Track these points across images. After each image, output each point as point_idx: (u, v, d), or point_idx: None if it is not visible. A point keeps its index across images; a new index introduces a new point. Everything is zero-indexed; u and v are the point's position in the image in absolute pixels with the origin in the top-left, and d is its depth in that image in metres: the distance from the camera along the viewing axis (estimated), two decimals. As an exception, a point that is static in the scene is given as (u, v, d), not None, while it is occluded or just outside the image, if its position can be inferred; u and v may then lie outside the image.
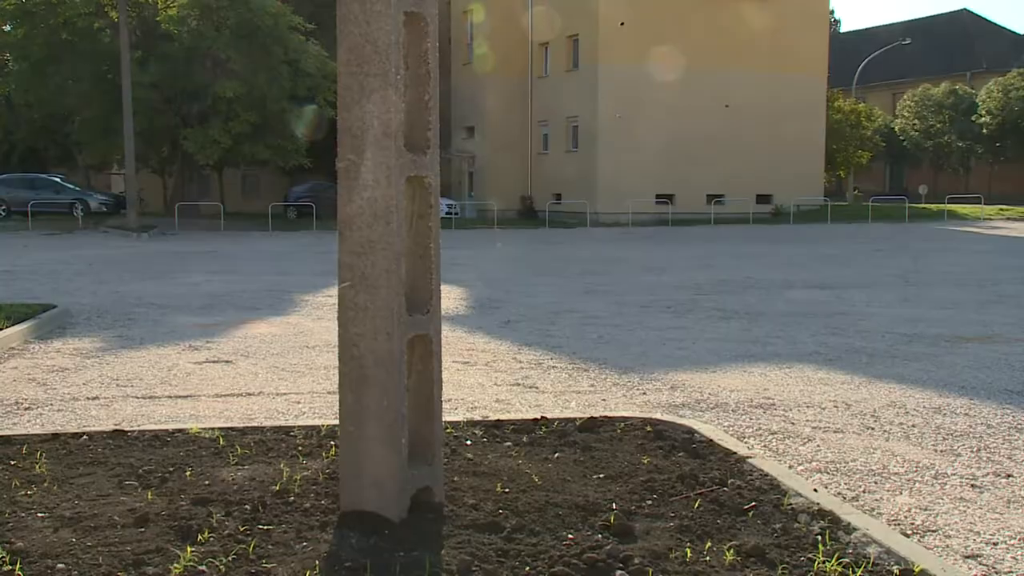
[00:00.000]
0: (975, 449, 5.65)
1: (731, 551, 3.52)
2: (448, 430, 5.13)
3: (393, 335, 3.70)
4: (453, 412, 6.27)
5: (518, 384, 7.61)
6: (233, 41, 34.42)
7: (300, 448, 4.90)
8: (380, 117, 3.67)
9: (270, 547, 3.49)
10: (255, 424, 5.70)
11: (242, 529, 3.64)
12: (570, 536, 3.62)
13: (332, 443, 4.83)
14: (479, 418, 5.76)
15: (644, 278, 16.80)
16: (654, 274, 17.59)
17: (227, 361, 8.59)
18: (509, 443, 5.03)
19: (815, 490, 4.39)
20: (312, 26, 35.76)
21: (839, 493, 4.76)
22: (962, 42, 70.91)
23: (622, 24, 38.28)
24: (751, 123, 40.07)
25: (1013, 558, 3.97)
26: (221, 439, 5.05)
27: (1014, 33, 72.68)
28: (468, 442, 5.04)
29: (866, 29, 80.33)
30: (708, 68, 39.12)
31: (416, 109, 3.86)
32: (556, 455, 4.79)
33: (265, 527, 3.67)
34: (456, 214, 39.61)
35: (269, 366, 8.36)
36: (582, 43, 39.95)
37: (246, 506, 3.88)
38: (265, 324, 11.07)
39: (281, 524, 3.72)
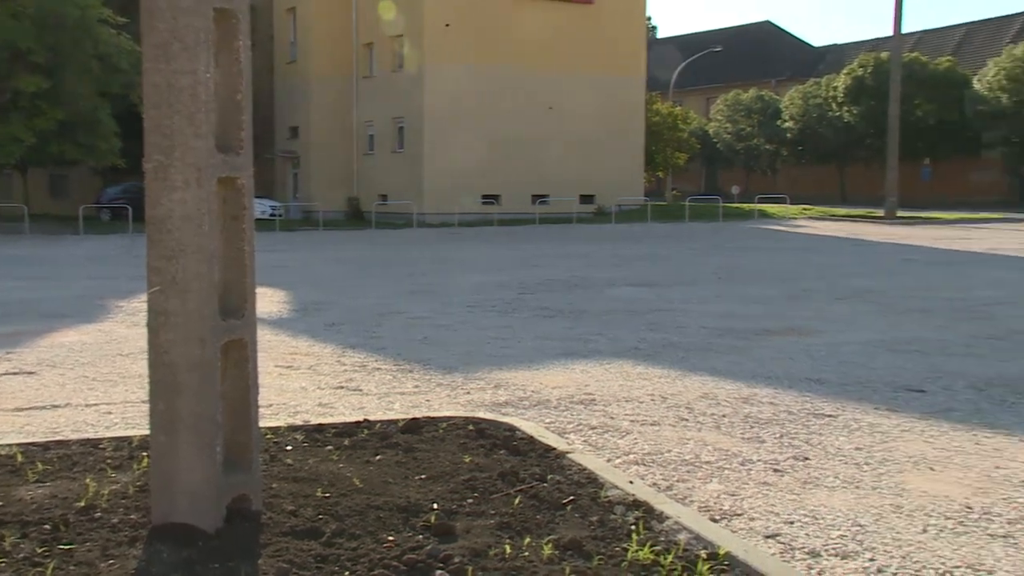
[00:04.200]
0: (778, 435, 5.98)
1: (549, 545, 3.59)
2: (267, 436, 5.02)
3: (206, 341, 3.60)
4: (274, 417, 6.14)
5: (342, 387, 7.53)
6: (35, 32, 32.48)
7: (109, 461, 4.68)
8: (189, 117, 3.56)
9: (72, 568, 3.31)
10: (60, 438, 5.41)
11: (40, 551, 3.44)
12: (391, 538, 3.61)
13: (144, 454, 4.63)
14: (300, 423, 5.65)
15: (470, 278, 16.93)
16: (480, 274, 17.75)
17: (30, 372, 8.12)
18: (331, 447, 4.96)
19: (631, 482, 4.54)
20: (124, 20, 34.21)
21: (654, 483, 4.94)
22: (767, 51, 75.01)
23: (447, 25, 38.44)
24: (574, 124, 41.03)
25: (806, 534, 4.24)
26: (19, 455, 4.76)
27: (811, 46, 77.37)
28: (288, 447, 4.94)
29: (681, 36, 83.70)
30: (532, 70, 39.80)
31: (228, 108, 3.76)
32: (378, 457, 4.77)
33: (67, 547, 3.49)
34: (280, 216, 38.79)
35: (78, 376, 7.95)
36: (407, 44, 39.89)
37: (46, 526, 3.67)
38: (75, 332, 10.52)
39: (86, 542, 3.54)
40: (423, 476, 4.46)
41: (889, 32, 39.21)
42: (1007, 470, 5.26)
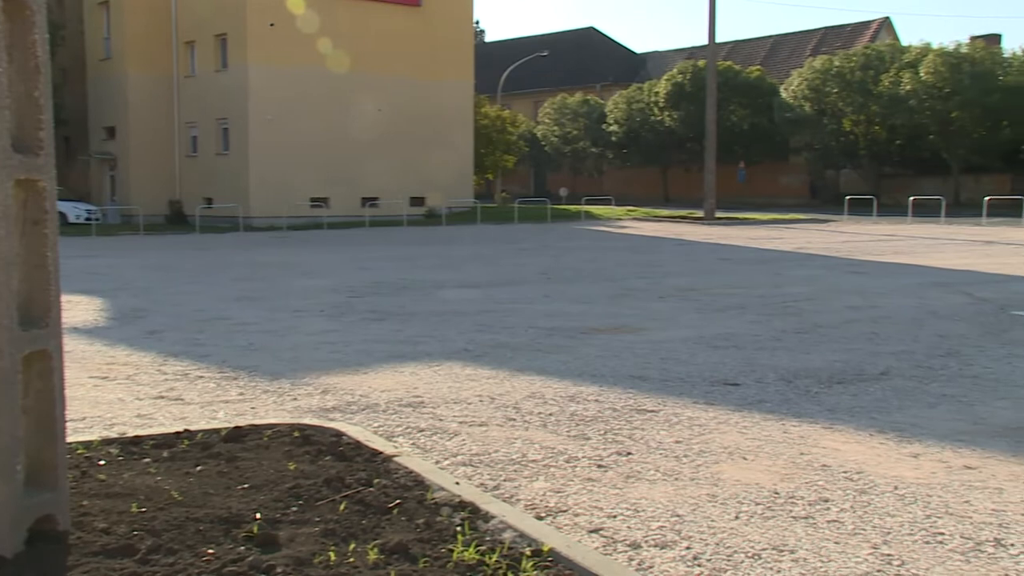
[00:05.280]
0: (603, 432, 6.14)
1: (375, 550, 3.57)
2: (79, 451, 4.79)
3: (5, 352, 3.39)
4: (87, 431, 5.86)
5: (162, 397, 7.25)
6: None
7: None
8: (-18, 115, 3.35)
9: None
10: None
11: None
12: (211, 551, 3.50)
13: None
14: (116, 435, 5.41)
15: (298, 282, 16.62)
16: (308, 278, 17.46)
17: None
18: (148, 459, 4.77)
19: (457, 483, 4.57)
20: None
21: (481, 484, 4.99)
22: (591, 57, 76.95)
23: (271, 25, 37.58)
24: (403, 127, 40.89)
25: (628, 527, 4.38)
26: None
27: (633, 52, 79.97)
28: (101, 462, 4.72)
29: (508, 40, 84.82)
30: (360, 71, 39.40)
31: (25, 107, 3.56)
32: (199, 468, 4.62)
33: None
34: (97, 220, 36.97)
35: None
36: (230, 42, 38.74)
37: None
38: None
39: None
40: (246, 486, 4.35)
41: (705, 41, 40.92)
42: (810, 456, 5.59)
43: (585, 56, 76.93)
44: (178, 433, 5.31)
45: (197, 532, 3.70)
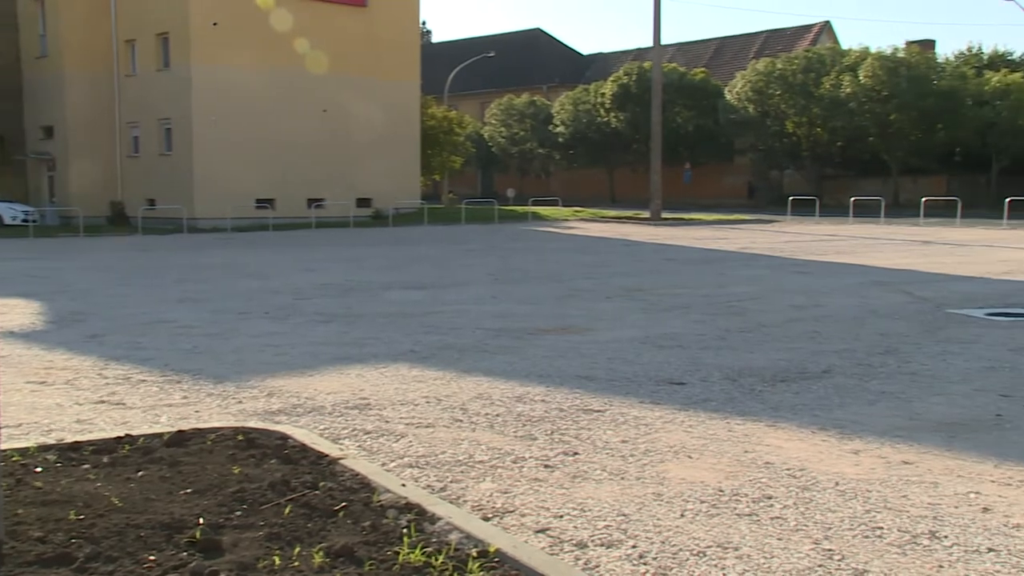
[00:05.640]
0: (549, 432, 6.16)
1: (320, 553, 3.55)
2: (14, 458, 4.69)
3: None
4: (24, 437, 5.73)
5: (103, 402, 7.12)
6: None
7: None
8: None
9: None
10: None
11: None
12: (152, 557, 3.45)
13: None
14: (54, 441, 5.31)
15: (243, 284, 16.43)
16: (254, 280, 17.27)
17: None
18: (88, 466, 4.69)
19: (404, 485, 4.55)
20: None
21: (428, 485, 4.98)
22: (537, 58, 77.20)
23: (215, 24, 37.10)
24: (350, 127, 40.64)
25: (575, 527, 4.40)
26: None
27: (579, 53, 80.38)
28: (38, 469, 4.62)
29: (455, 41, 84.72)
30: (306, 72, 39.08)
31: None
32: (140, 473, 4.55)
33: None
34: (35, 222, 36.22)
35: None
36: (172, 41, 38.18)
37: None
38: None
39: None
40: (189, 490, 4.30)
41: (650, 42, 41.22)
42: (754, 453, 5.66)
43: (531, 57, 77.16)
44: (119, 438, 5.22)
45: (138, 539, 3.64)
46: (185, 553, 3.52)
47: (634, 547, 4.16)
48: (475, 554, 3.62)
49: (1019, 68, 52.30)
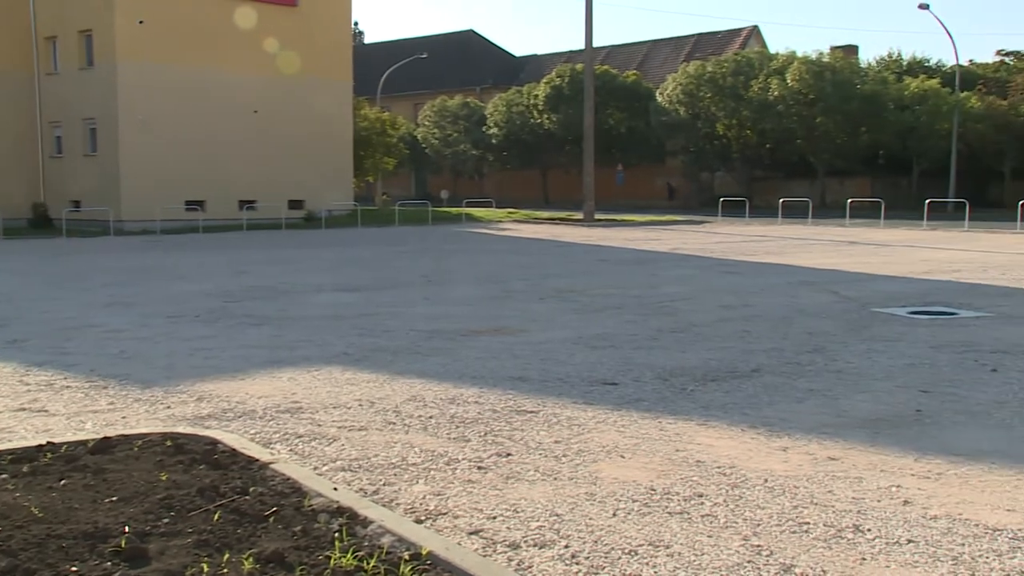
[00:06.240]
0: (483, 433, 6.16)
1: (250, 559, 3.50)
2: (-70, 469, 4.54)
3: None
4: (-59, 447, 5.55)
5: (24, 409, 6.94)
6: None
7: None
8: None
9: None
10: None
11: None
12: (74, 568, 3.37)
13: None
14: (-28, 451, 5.15)
15: (173, 287, 16.14)
16: (184, 283, 16.97)
17: None
18: (6, 475, 4.56)
19: (336, 489, 4.52)
20: None
21: (360, 489, 4.94)
22: (470, 59, 77.20)
23: (141, 22, 36.37)
24: (281, 128, 40.16)
25: (508, 528, 4.41)
26: None
27: (512, 55, 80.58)
28: (-44, 480, 4.49)
29: (387, 41, 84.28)
30: (236, 72, 38.54)
31: None
32: (63, 482, 4.44)
33: None
34: (-49, 224, 35.10)
35: None
36: (96, 39, 37.30)
37: None
38: None
39: None
40: (114, 498, 4.21)
41: (582, 45, 41.47)
42: (686, 452, 5.73)
43: (464, 59, 77.13)
44: (40, 446, 5.09)
45: (59, 549, 3.56)
46: (109, 563, 3.45)
47: (567, 547, 4.18)
48: (407, 557, 3.60)
49: (936, 74, 53.81)
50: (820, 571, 3.96)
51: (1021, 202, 35.22)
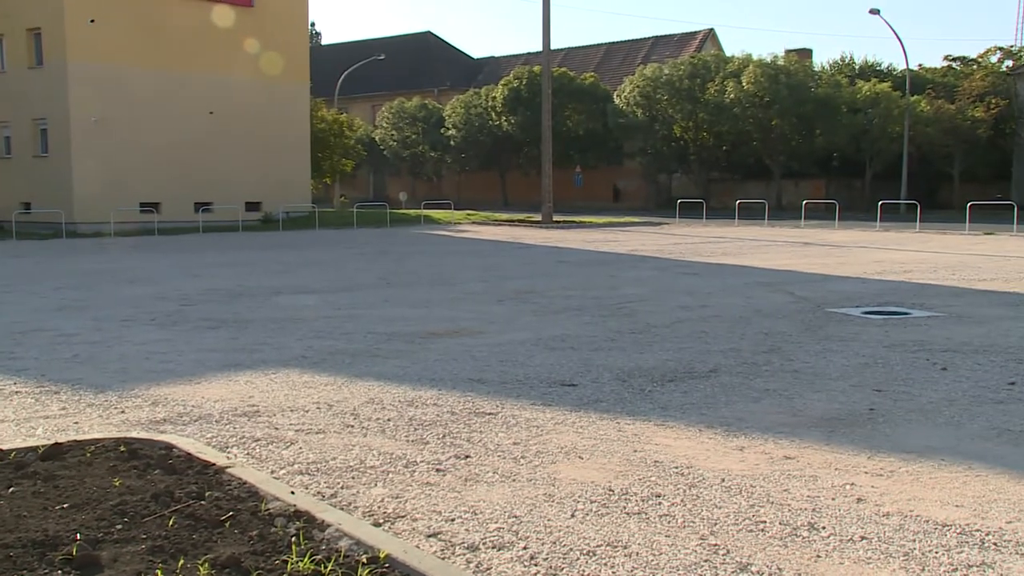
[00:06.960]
0: (441, 436, 6.15)
1: (206, 565, 3.47)
2: None
3: None
4: None
5: (-27, 415, 6.80)
6: None
7: None
8: None
9: None
10: None
11: None
12: (25, 577, 3.32)
13: None
14: (-81, 458, 5.05)
15: (127, 291, 15.93)
16: (139, 286, 16.75)
17: None
18: (-45, 483, 4.48)
19: (293, 492, 4.48)
20: None
21: (318, 492, 4.91)
22: (428, 61, 77.05)
23: (92, 21, 35.84)
24: (238, 130, 39.80)
25: (466, 530, 4.40)
26: None
27: (470, 57, 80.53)
28: (-99, 488, 4.40)
29: (345, 43, 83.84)
30: (191, 72, 38.13)
31: None
32: (11, 489, 4.36)
33: None
34: None
35: None
36: (46, 37, 36.70)
37: None
38: None
39: None
40: (65, 505, 4.14)
41: (539, 47, 41.58)
42: (644, 452, 5.76)
43: (422, 60, 76.96)
44: (-10, 453, 5.00)
45: (7, 559, 3.49)
46: (60, 571, 3.40)
47: (525, 548, 4.19)
48: (365, 560, 3.59)
49: (887, 78, 54.66)
50: (776, 569, 4.00)
51: (969, 204, 35.91)
